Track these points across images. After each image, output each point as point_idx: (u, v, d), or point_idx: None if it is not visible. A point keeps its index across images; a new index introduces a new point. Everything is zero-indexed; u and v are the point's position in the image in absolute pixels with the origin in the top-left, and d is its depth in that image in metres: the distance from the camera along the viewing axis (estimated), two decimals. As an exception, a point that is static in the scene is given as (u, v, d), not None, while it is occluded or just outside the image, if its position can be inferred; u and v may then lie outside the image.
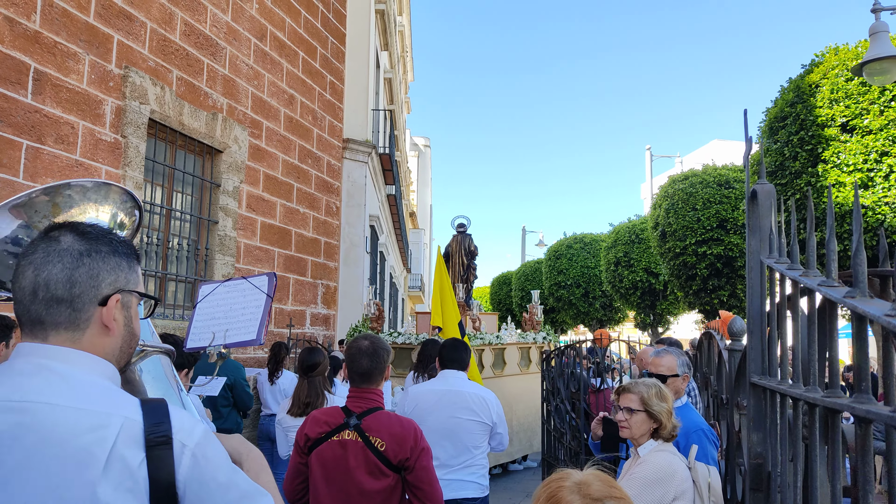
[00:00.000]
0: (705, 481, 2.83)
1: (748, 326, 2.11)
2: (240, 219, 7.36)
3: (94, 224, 1.23)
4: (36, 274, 1.11)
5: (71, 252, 1.13)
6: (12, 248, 1.41)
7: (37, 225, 1.44)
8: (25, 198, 1.42)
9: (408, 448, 2.49)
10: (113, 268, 1.17)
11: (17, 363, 1.10)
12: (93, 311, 1.13)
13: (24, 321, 1.13)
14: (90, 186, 1.52)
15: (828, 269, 1.31)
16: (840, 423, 1.28)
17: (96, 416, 1.03)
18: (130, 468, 1.01)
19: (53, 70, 5.12)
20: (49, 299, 1.10)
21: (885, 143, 7.51)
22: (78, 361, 1.10)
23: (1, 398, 1.03)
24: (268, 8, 8.08)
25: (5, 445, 0.99)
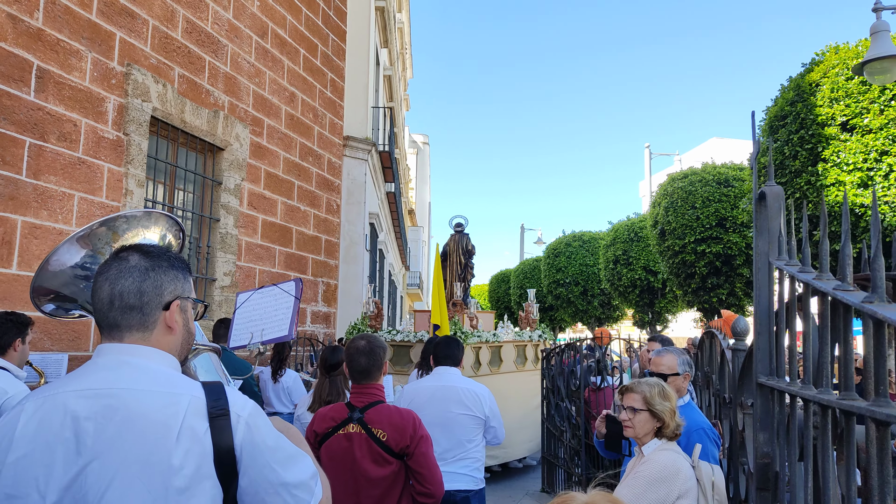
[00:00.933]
0: (709, 480, 2.85)
1: (756, 327, 2.13)
2: (241, 216, 7.36)
3: (155, 244, 1.52)
4: (112, 287, 1.38)
5: (138, 268, 1.40)
6: (80, 272, 1.74)
7: (101, 251, 1.76)
8: (88, 230, 1.73)
9: (407, 436, 2.71)
10: (172, 279, 1.43)
11: (100, 360, 1.36)
12: (158, 315, 1.40)
13: (103, 326, 1.39)
14: (140, 215, 1.83)
15: (842, 272, 1.32)
16: (853, 425, 1.29)
17: (168, 396, 1.29)
18: (197, 435, 1.26)
19: (56, 67, 5.11)
20: (123, 307, 1.37)
21: (885, 143, 7.53)
22: (149, 355, 1.37)
23: (92, 387, 1.30)
24: (269, 5, 8.07)
25: (100, 423, 1.25)
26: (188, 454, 1.25)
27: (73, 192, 5.23)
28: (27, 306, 4.82)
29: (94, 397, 1.28)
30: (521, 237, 32.47)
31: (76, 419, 1.26)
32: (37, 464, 1.24)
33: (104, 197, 5.52)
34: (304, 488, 1.38)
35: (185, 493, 1.24)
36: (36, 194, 4.92)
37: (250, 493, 1.32)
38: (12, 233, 4.75)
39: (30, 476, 1.24)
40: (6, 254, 4.70)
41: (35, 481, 1.24)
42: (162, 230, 1.84)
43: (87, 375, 1.33)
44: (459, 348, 4.16)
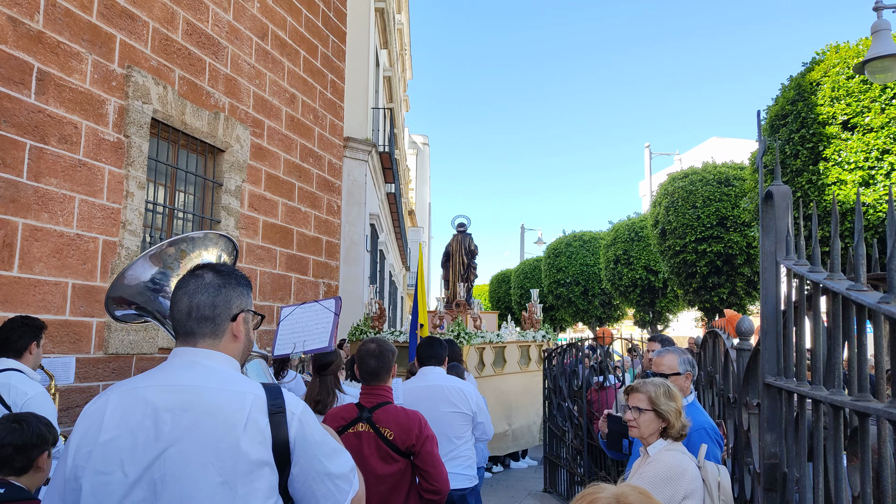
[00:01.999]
0: (715, 480, 2.84)
1: (763, 327, 2.12)
2: (242, 218, 7.35)
3: (225, 264, 1.76)
4: (190, 300, 1.60)
5: (212, 285, 1.62)
6: (151, 285, 2.04)
7: (170, 266, 2.07)
8: (157, 249, 2.04)
9: (413, 436, 2.85)
10: (239, 294, 1.66)
11: (176, 360, 1.58)
12: (227, 325, 1.62)
13: (180, 332, 1.61)
14: (201, 237, 2.15)
15: (856, 273, 1.31)
16: (869, 427, 1.28)
17: (235, 394, 1.50)
18: (260, 427, 1.47)
19: (56, 70, 5.10)
20: (199, 318, 1.59)
21: (887, 141, 7.52)
22: (218, 359, 1.59)
23: (170, 383, 1.51)
24: (269, 7, 8.06)
25: (177, 414, 1.46)
26: (253, 443, 1.45)
27: (74, 195, 5.22)
28: (28, 308, 4.81)
29: (172, 392, 1.49)
30: (521, 237, 32.45)
31: (156, 410, 1.47)
32: (121, 446, 1.44)
33: (105, 199, 5.51)
34: (345, 479, 1.59)
35: (249, 475, 1.44)
36: (37, 196, 4.91)
37: (300, 480, 1.53)
38: (13, 235, 4.73)
39: (115, 457, 1.44)
40: (7, 256, 4.69)
41: (120, 461, 1.44)
42: (219, 250, 2.16)
43: (165, 373, 1.55)
44: (443, 347, 4.24)
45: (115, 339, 5.49)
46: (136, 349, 5.70)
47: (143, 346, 5.78)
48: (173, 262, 2.06)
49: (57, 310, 5.02)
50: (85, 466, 1.46)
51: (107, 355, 5.44)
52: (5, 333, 3.66)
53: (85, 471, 1.45)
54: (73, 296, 5.19)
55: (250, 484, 1.44)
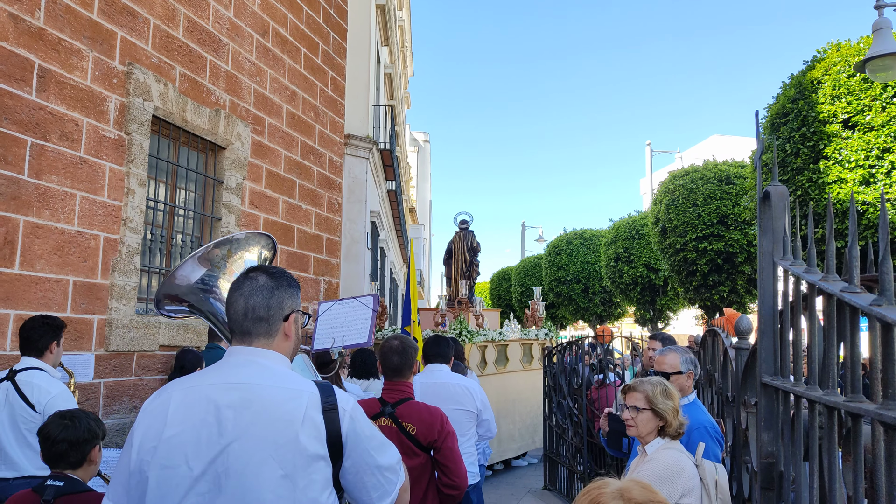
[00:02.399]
0: (712, 479, 2.85)
1: (760, 327, 2.13)
2: (243, 215, 7.36)
3: (277, 266, 1.83)
4: (245, 302, 1.68)
5: (266, 286, 1.70)
6: (201, 285, 2.17)
7: (217, 265, 2.21)
8: (204, 251, 2.17)
9: (435, 431, 2.92)
10: (290, 296, 1.74)
11: (232, 359, 1.66)
12: (279, 325, 1.70)
13: (236, 332, 1.70)
14: (243, 237, 2.29)
15: (850, 275, 1.32)
16: (862, 428, 1.29)
17: (292, 392, 1.59)
18: (316, 423, 1.56)
19: (57, 67, 5.11)
20: (254, 318, 1.67)
21: (887, 140, 7.52)
22: (272, 357, 1.67)
23: (229, 381, 1.59)
24: (270, 3, 8.06)
25: (238, 411, 1.54)
26: (310, 438, 1.54)
27: (75, 192, 5.23)
28: (30, 305, 4.83)
29: (232, 389, 1.57)
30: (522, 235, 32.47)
31: (218, 407, 1.54)
32: (186, 442, 1.52)
33: (106, 196, 5.52)
34: (392, 471, 1.68)
35: (308, 468, 1.52)
36: (38, 194, 4.92)
37: (352, 472, 1.62)
38: (14, 232, 4.75)
39: (180, 451, 1.51)
40: (9, 253, 4.70)
41: (185, 456, 1.51)
42: (259, 248, 2.28)
43: (224, 371, 1.64)
44: (449, 345, 4.25)
45: (116, 337, 5.50)
46: (137, 346, 5.72)
47: (145, 344, 5.80)
48: (220, 262, 2.20)
49: (58, 307, 5.04)
50: (150, 461, 1.53)
51: (108, 352, 5.45)
52: (26, 333, 3.75)
53: (151, 465, 1.53)
54: (74, 293, 5.20)
55: (309, 476, 1.52)
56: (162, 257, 6.43)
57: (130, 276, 5.70)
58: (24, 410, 3.52)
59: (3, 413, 3.55)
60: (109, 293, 5.50)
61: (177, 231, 6.68)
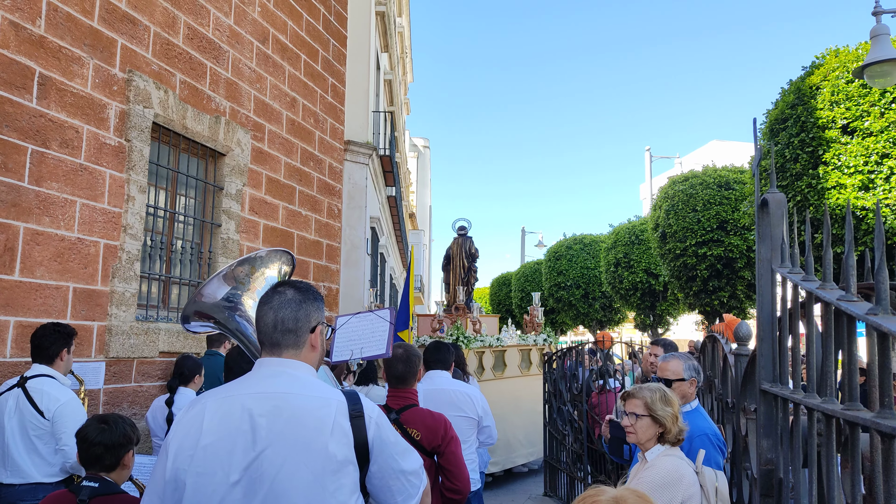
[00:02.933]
0: (712, 486, 2.84)
1: (759, 334, 2.13)
2: (242, 222, 7.37)
3: (304, 281, 1.91)
4: (275, 315, 1.76)
5: (294, 300, 1.78)
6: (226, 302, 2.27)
7: (241, 282, 2.31)
8: (228, 269, 2.28)
9: (439, 437, 2.99)
10: (316, 308, 1.83)
11: (263, 370, 1.74)
12: (306, 337, 1.79)
13: (266, 343, 1.77)
14: (265, 255, 2.39)
15: (847, 283, 1.32)
16: (859, 436, 1.29)
17: (321, 400, 1.66)
18: (344, 430, 1.63)
19: (58, 74, 5.12)
20: (283, 330, 1.75)
21: (886, 146, 7.53)
22: (300, 367, 1.75)
23: (262, 391, 1.66)
24: (270, 11, 8.08)
25: (271, 419, 1.60)
26: (339, 444, 1.61)
27: (76, 199, 5.24)
28: (30, 312, 4.83)
29: (265, 399, 1.64)
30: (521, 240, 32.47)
31: (252, 416, 1.61)
32: (222, 449, 1.59)
33: (106, 203, 5.53)
34: (415, 475, 1.77)
35: (337, 473, 1.59)
36: (38, 201, 4.93)
37: (377, 476, 1.70)
38: (14, 239, 4.75)
39: (216, 459, 1.58)
40: (9, 260, 4.70)
41: (220, 463, 1.58)
42: (279, 264, 2.40)
43: (256, 381, 1.71)
44: (450, 352, 4.24)
45: (115, 343, 5.50)
46: (137, 353, 5.72)
47: (144, 350, 5.80)
48: (244, 279, 2.32)
49: (58, 314, 5.04)
50: (187, 469, 1.59)
51: (107, 359, 5.45)
52: (37, 340, 3.79)
53: (188, 473, 1.59)
54: (74, 300, 5.20)
55: (338, 481, 1.60)
56: (162, 264, 6.43)
57: (130, 282, 5.70)
58: (33, 417, 3.56)
59: (14, 420, 3.58)
60: (109, 300, 5.50)
61: (177, 237, 6.68)
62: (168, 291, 6.54)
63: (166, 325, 6.14)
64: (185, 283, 6.71)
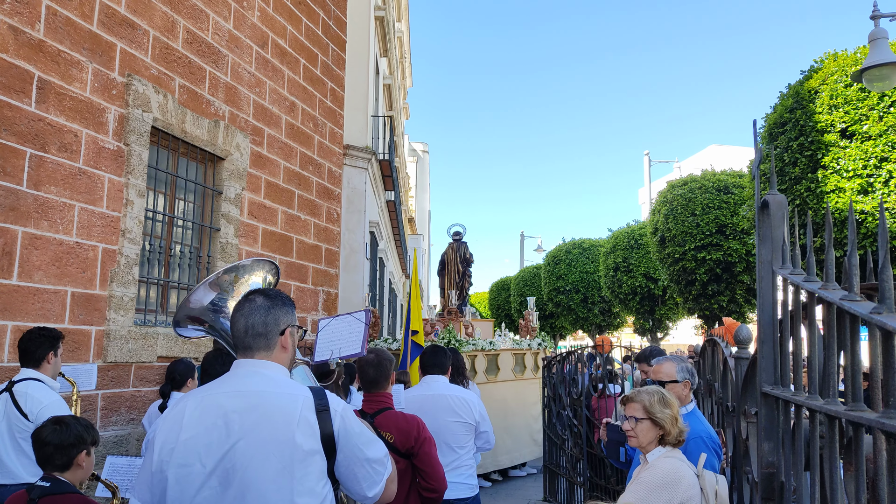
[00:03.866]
0: (712, 489, 2.83)
1: (759, 336, 2.12)
2: (241, 226, 7.36)
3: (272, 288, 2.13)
4: (246, 321, 1.92)
5: (263, 307, 1.94)
6: (212, 307, 2.43)
7: (226, 289, 2.47)
8: (214, 277, 2.44)
9: (412, 438, 3.05)
10: (285, 312, 1.98)
11: (239, 371, 1.90)
12: (277, 339, 1.94)
13: (240, 347, 1.93)
14: (249, 264, 2.53)
15: (850, 283, 1.31)
16: (862, 437, 1.28)
17: (289, 396, 1.81)
18: (310, 423, 1.78)
19: (57, 78, 5.12)
20: (254, 334, 1.91)
21: (885, 149, 7.54)
22: (272, 367, 1.90)
23: (236, 389, 1.82)
24: (269, 15, 8.09)
25: (243, 414, 1.76)
26: (305, 436, 1.75)
27: (74, 203, 5.23)
28: (28, 317, 4.81)
29: (238, 396, 1.80)
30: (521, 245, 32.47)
31: (226, 412, 1.76)
32: (199, 443, 1.74)
33: (105, 207, 5.52)
34: (380, 463, 1.91)
35: (304, 462, 1.74)
36: (36, 205, 4.92)
37: (344, 464, 1.84)
38: (13, 243, 4.74)
39: (194, 451, 1.73)
40: (7, 264, 4.69)
41: (198, 455, 1.73)
42: (264, 273, 2.55)
43: (231, 381, 1.87)
44: (447, 356, 4.22)
45: (114, 348, 5.49)
46: (135, 357, 5.70)
47: (143, 355, 5.78)
48: (228, 287, 2.47)
49: (56, 318, 5.02)
50: (169, 461, 1.75)
51: (106, 363, 5.43)
52: (24, 344, 3.83)
53: (169, 465, 1.75)
54: (72, 304, 5.19)
55: (305, 469, 1.74)
56: (160, 268, 6.42)
57: (129, 286, 5.69)
58: (18, 420, 3.64)
59: (3, 423, 3.64)
60: (108, 304, 5.49)
61: (175, 242, 6.67)
62: (166, 296, 6.53)
63: (164, 329, 6.12)
64: (183, 287, 6.70)
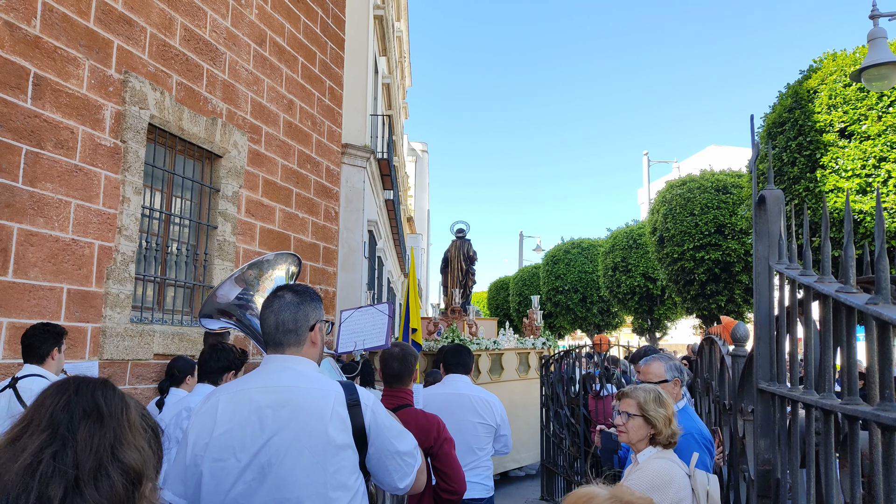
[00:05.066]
0: (704, 489, 2.82)
1: (756, 332, 2.11)
2: (239, 224, 7.34)
3: (302, 284, 2.10)
4: (276, 317, 1.95)
5: (293, 303, 1.97)
6: (237, 301, 2.48)
7: (252, 283, 2.51)
8: (239, 272, 2.49)
9: (432, 438, 2.95)
10: (314, 308, 2.01)
11: (269, 366, 1.93)
12: (306, 335, 1.97)
13: (270, 342, 1.96)
14: (272, 258, 2.58)
15: (845, 275, 1.30)
16: (858, 431, 1.27)
17: (321, 392, 1.84)
18: (342, 417, 1.81)
19: (53, 75, 5.10)
20: (285, 330, 1.94)
21: (884, 149, 7.53)
22: (302, 362, 1.94)
23: (268, 384, 1.86)
24: (267, 13, 8.07)
25: (276, 410, 1.80)
26: (337, 430, 1.78)
27: (70, 200, 5.21)
28: (23, 313, 4.80)
29: (270, 392, 1.83)
30: (520, 244, 32.46)
31: (259, 407, 1.80)
32: (233, 438, 1.77)
33: (101, 204, 5.50)
34: (410, 455, 1.95)
35: (336, 456, 1.77)
36: (32, 202, 4.90)
37: (375, 457, 1.87)
38: (8, 240, 4.72)
39: (229, 446, 1.77)
40: (2, 261, 4.67)
41: (232, 450, 1.76)
42: (287, 265, 2.59)
43: (263, 376, 1.90)
44: (470, 356, 4.18)
45: (110, 345, 5.47)
46: (131, 355, 5.68)
47: (139, 352, 5.76)
48: (254, 281, 2.51)
49: (51, 315, 5.00)
50: (203, 455, 1.79)
51: (102, 361, 5.42)
52: (28, 340, 3.81)
53: (204, 459, 1.78)
54: (68, 301, 5.17)
55: (338, 463, 1.77)
56: (157, 266, 6.40)
57: (125, 284, 5.67)
58: None
59: (7, 422, 3.57)
60: (104, 301, 5.47)
61: (172, 239, 6.65)
62: (163, 293, 6.51)
63: (161, 327, 6.10)
64: (180, 285, 6.68)
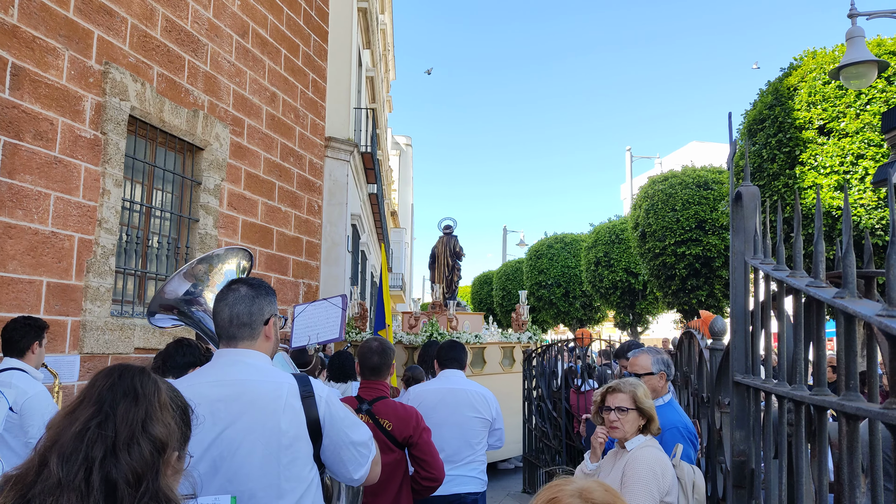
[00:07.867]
0: (690, 480, 2.87)
1: (732, 326, 2.15)
2: (221, 217, 7.30)
3: (256, 278, 2.09)
4: (230, 310, 1.94)
5: (248, 296, 1.96)
6: (185, 297, 2.45)
7: (201, 278, 2.50)
8: (189, 267, 2.47)
9: (411, 428, 3.03)
10: (268, 302, 2.00)
11: (222, 360, 1.93)
12: (261, 328, 1.96)
13: (223, 336, 1.95)
14: (222, 253, 2.57)
15: (815, 270, 1.33)
16: (826, 420, 1.31)
17: (274, 384, 1.85)
18: (295, 409, 1.82)
19: (32, 65, 5.04)
20: (238, 324, 1.93)
21: (861, 146, 7.64)
22: (255, 356, 1.93)
23: (220, 378, 1.85)
24: (250, 5, 8.01)
25: (229, 403, 1.79)
26: (290, 422, 1.80)
27: (50, 192, 5.16)
28: (2, 307, 4.74)
29: (222, 385, 1.83)
30: (503, 239, 32.55)
31: (211, 401, 1.78)
32: None
33: (81, 197, 5.45)
34: (364, 446, 1.96)
35: (290, 448, 1.79)
36: (11, 194, 4.84)
37: (329, 448, 1.89)
38: (-14, 232, 4.66)
39: None
40: (-20, 254, 4.62)
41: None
42: (238, 260, 2.58)
43: (215, 370, 1.90)
44: (464, 351, 4.21)
45: (90, 339, 5.43)
46: (111, 349, 5.64)
47: (119, 346, 5.72)
48: (203, 277, 2.49)
49: (31, 309, 4.95)
50: None
51: (82, 355, 5.37)
52: (8, 333, 3.76)
53: None
54: (47, 294, 5.12)
55: (291, 455, 1.79)
56: (138, 259, 6.35)
57: (105, 277, 5.62)
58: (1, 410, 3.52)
59: None
60: (84, 295, 5.42)
61: (153, 232, 6.60)
62: (144, 287, 6.46)
63: (142, 321, 6.06)
64: (161, 278, 6.63)
